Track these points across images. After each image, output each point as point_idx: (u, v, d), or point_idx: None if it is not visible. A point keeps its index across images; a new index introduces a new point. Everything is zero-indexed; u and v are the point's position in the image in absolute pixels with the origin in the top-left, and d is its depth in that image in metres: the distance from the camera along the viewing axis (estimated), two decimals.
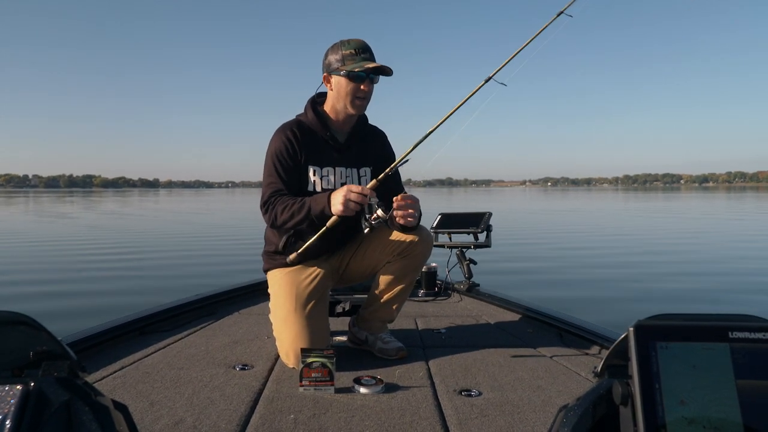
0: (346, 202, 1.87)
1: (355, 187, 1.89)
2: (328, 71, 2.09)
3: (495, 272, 6.94)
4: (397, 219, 1.98)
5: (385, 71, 2.07)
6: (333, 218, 1.95)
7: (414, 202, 1.98)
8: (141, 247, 10.99)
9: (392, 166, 2.04)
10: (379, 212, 1.90)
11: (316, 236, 2.02)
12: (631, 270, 7.59)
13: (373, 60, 2.06)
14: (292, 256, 2.07)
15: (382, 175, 2.01)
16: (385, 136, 2.34)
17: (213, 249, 10.60)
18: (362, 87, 2.06)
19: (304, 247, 2.05)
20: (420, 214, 2.06)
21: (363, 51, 2.06)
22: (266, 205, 2.06)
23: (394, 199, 1.96)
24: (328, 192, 1.95)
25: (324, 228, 1.99)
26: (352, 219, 1.95)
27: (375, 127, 2.33)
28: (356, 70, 2.02)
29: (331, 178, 2.15)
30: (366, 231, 1.94)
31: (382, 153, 2.26)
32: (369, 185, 1.98)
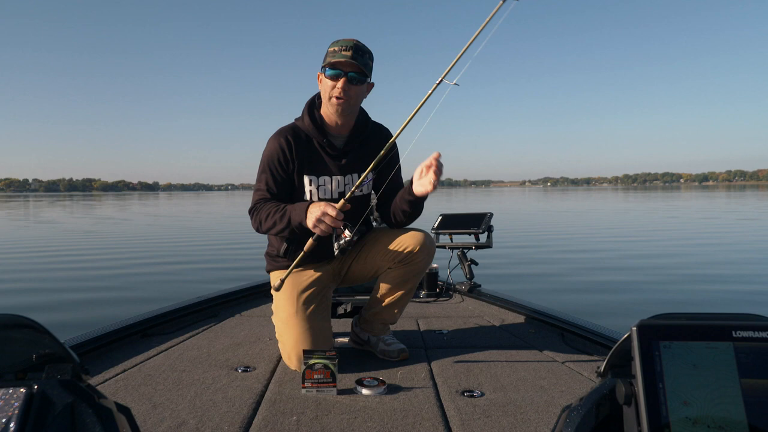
0: (317, 223, 1.83)
1: (332, 211, 1.82)
2: (321, 69, 2.03)
3: (496, 273, 6.94)
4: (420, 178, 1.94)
5: (352, 66, 1.93)
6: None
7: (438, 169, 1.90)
8: (143, 250, 11.00)
9: (357, 183, 1.95)
10: (347, 233, 1.87)
11: (299, 257, 1.93)
12: (633, 270, 7.58)
13: (352, 57, 1.92)
14: (276, 283, 1.98)
15: (349, 194, 1.91)
16: (390, 135, 2.22)
17: (214, 252, 10.60)
18: (337, 85, 1.95)
19: (290, 270, 1.95)
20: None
21: (347, 48, 1.93)
22: (252, 212, 2.06)
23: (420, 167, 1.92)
24: (308, 203, 1.90)
25: (307, 247, 1.91)
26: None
27: (379, 126, 2.22)
28: (323, 64, 1.94)
29: (329, 186, 2.09)
30: (336, 253, 1.91)
31: (386, 154, 2.02)
32: (338, 205, 1.86)
